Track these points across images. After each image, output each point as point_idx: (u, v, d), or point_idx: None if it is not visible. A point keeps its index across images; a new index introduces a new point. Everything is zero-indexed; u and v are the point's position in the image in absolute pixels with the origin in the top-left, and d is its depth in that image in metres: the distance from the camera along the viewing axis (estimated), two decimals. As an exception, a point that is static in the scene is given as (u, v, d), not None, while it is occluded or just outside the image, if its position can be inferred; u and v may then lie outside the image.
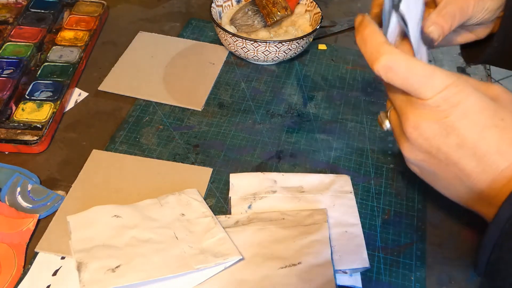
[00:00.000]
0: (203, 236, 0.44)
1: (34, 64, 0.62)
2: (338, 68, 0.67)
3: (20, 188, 0.49)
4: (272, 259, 0.43)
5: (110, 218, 0.45)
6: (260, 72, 0.65)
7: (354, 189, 0.51)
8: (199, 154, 0.54)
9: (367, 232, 0.47)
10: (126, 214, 0.45)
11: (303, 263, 0.42)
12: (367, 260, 0.44)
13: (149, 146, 0.54)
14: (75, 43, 0.65)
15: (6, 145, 0.52)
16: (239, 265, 0.43)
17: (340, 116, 0.60)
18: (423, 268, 0.45)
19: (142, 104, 0.59)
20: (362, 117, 0.60)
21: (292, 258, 0.43)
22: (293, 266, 0.42)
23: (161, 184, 0.50)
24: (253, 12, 0.66)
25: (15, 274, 0.42)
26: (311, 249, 0.43)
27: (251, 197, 0.49)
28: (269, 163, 0.53)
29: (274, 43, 0.61)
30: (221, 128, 0.57)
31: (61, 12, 0.71)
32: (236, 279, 0.42)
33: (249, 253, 0.43)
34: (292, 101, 0.61)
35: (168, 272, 0.40)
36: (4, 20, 0.68)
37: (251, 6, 0.66)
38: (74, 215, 0.45)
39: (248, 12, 0.66)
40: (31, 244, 0.45)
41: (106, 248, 0.42)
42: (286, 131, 0.57)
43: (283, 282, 0.41)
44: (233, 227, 0.46)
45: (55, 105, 0.56)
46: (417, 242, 0.47)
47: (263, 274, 0.42)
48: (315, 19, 0.67)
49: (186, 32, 0.71)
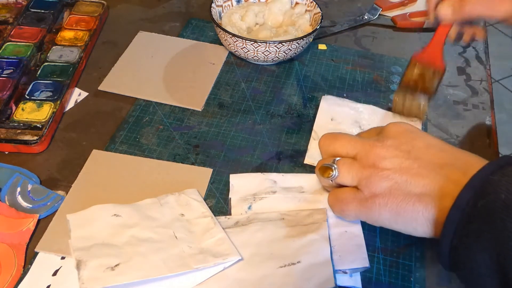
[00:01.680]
0: (203, 236, 0.44)
1: (34, 64, 0.62)
2: (338, 68, 0.67)
3: (20, 188, 0.49)
4: (271, 258, 0.43)
5: (110, 217, 0.45)
6: (260, 72, 0.65)
7: (354, 190, 0.51)
8: (199, 154, 0.54)
9: (367, 233, 0.47)
10: (125, 213, 0.45)
11: (303, 262, 0.42)
12: (367, 260, 0.44)
13: (149, 146, 0.54)
14: (75, 43, 0.65)
15: (6, 145, 0.52)
16: (238, 265, 0.43)
17: (340, 117, 0.60)
18: (423, 269, 0.45)
19: (142, 104, 0.59)
20: (362, 117, 0.60)
21: (292, 257, 0.43)
22: (292, 265, 0.42)
23: (161, 184, 0.50)
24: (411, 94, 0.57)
25: (15, 274, 0.42)
26: (310, 248, 0.43)
27: (251, 198, 0.49)
28: (269, 164, 0.53)
29: (274, 43, 0.61)
30: (221, 128, 0.57)
31: (61, 12, 0.71)
32: (235, 279, 0.42)
33: (248, 253, 0.43)
34: (292, 102, 0.61)
35: (167, 271, 0.40)
36: (4, 20, 0.68)
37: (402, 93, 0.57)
38: (74, 214, 0.45)
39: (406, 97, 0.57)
40: (31, 244, 0.45)
41: (106, 246, 0.42)
42: (286, 132, 0.57)
43: (283, 281, 0.41)
44: (232, 228, 0.46)
45: (55, 105, 0.56)
46: (416, 243, 0.47)
47: (262, 273, 0.42)
48: (315, 19, 0.67)
49: (186, 32, 0.71)
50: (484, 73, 0.68)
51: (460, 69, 0.69)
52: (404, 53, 0.70)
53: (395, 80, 0.65)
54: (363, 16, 0.75)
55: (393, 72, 0.67)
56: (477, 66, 0.69)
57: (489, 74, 0.68)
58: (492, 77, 2.02)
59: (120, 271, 0.40)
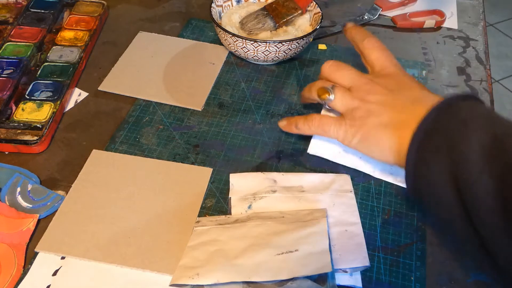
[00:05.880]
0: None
1: (34, 64, 0.62)
2: (338, 68, 0.67)
3: (20, 188, 0.49)
4: (269, 247, 0.43)
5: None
6: (260, 72, 0.65)
7: (354, 189, 0.51)
8: (199, 154, 0.54)
9: (367, 232, 0.47)
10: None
11: (300, 250, 0.42)
12: (367, 259, 0.44)
13: (149, 146, 0.54)
14: (75, 43, 0.65)
15: (6, 145, 0.52)
16: (236, 253, 0.43)
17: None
18: (423, 268, 0.45)
19: (142, 104, 0.59)
20: (362, 117, 0.60)
21: (289, 246, 0.43)
22: (290, 252, 0.42)
23: (161, 184, 0.50)
24: (263, 16, 0.66)
25: (15, 274, 0.42)
26: (308, 240, 0.43)
27: (251, 197, 0.49)
28: (269, 163, 0.53)
29: (274, 43, 0.61)
30: (221, 128, 0.57)
31: (61, 12, 0.71)
32: (232, 265, 0.42)
33: (246, 243, 0.43)
34: (292, 101, 0.61)
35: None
36: (4, 20, 0.68)
37: (261, 11, 0.67)
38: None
39: (258, 16, 0.66)
40: (31, 244, 0.45)
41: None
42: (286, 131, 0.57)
43: (279, 266, 0.41)
44: (232, 224, 0.46)
45: (55, 105, 0.56)
46: (417, 242, 0.47)
47: (260, 260, 0.42)
48: (315, 19, 0.67)
49: (186, 32, 0.71)
50: (484, 73, 0.68)
51: (460, 69, 0.68)
52: (404, 53, 0.70)
53: (395, 79, 0.65)
54: (363, 16, 0.75)
55: (393, 72, 0.67)
56: (477, 66, 0.69)
57: (489, 74, 0.68)
58: (492, 77, 2.02)
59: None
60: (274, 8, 0.67)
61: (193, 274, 0.41)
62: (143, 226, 0.46)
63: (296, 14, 0.67)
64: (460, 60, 0.70)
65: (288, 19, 0.67)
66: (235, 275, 0.41)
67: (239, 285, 0.40)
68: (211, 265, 0.42)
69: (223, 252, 0.43)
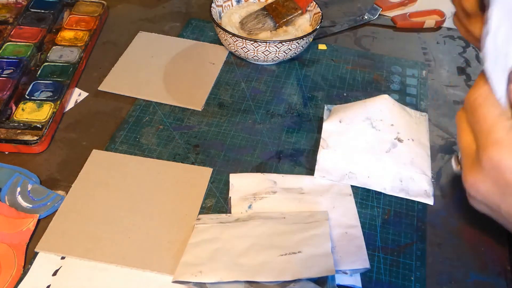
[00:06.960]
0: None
1: (34, 64, 0.62)
2: (338, 68, 0.67)
3: (20, 188, 0.49)
4: (272, 248, 0.43)
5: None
6: (260, 72, 0.65)
7: (354, 189, 0.51)
8: (199, 154, 0.54)
9: (367, 232, 0.47)
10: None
11: (303, 252, 0.42)
12: (367, 261, 0.44)
13: (149, 146, 0.54)
14: (75, 43, 0.65)
15: (6, 145, 0.52)
16: (239, 251, 0.43)
17: (340, 116, 0.60)
18: (423, 268, 0.45)
19: (142, 104, 0.59)
20: (362, 117, 0.60)
21: (292, 247, 0.43)
22: (293, 254, 0.42)
23: (161, 184, 0.50)
24: (263, 16, 0.66)
25: (15, 274, 0.42)
26: (311, 241, 0.43)
27: (251, 197, 0.49)
28: (269, 163, 0.53)
29: (274, 43, 0.61)
30: (221, 128, 0.57)
31: (61, 12, 0.71)
32: (235, 264, 0.42)
33: (248, 242, 0.43)
34: (292, 101, 0.61)
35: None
36: (4, 20, 0.68)
37: (261, 11, 0.67)
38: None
39: (258, 16, 0.66)
40: (31, 244, 0.45)
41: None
42: (286, 131, 0.57)
43: (283, 267, 0.41)
44: (233, 222, 0.46)
45: (55, 105, 0.56)
46: (417, 242, 0.47)
47: (262, 260, 0.42)
48: (315, 19, 0.67)
49: (186, 32, 0.71)
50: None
51: (460, 69, 0.68)
52: (404, 53, 0.70)
53: (395, 80, 0.65)
54: (363, 16, 0.75)
55: (393, 72, 0.67)
56: (477, 66, 0.69)
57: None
58: (492, 77, 2.01)
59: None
60: (274, 8, 0.67)
61: (196, 271, 0.41)
62: (143, 226, 0.46)
63: (296, 14, 0.67)
64: (460, 60, 0.70)
65: (288, 19, 0.67)
66: (238, 274, 0.41)
67: (241, 284, 0.40)
68: (214, 263, 0.42)
69: (226, 251, 0.43)
